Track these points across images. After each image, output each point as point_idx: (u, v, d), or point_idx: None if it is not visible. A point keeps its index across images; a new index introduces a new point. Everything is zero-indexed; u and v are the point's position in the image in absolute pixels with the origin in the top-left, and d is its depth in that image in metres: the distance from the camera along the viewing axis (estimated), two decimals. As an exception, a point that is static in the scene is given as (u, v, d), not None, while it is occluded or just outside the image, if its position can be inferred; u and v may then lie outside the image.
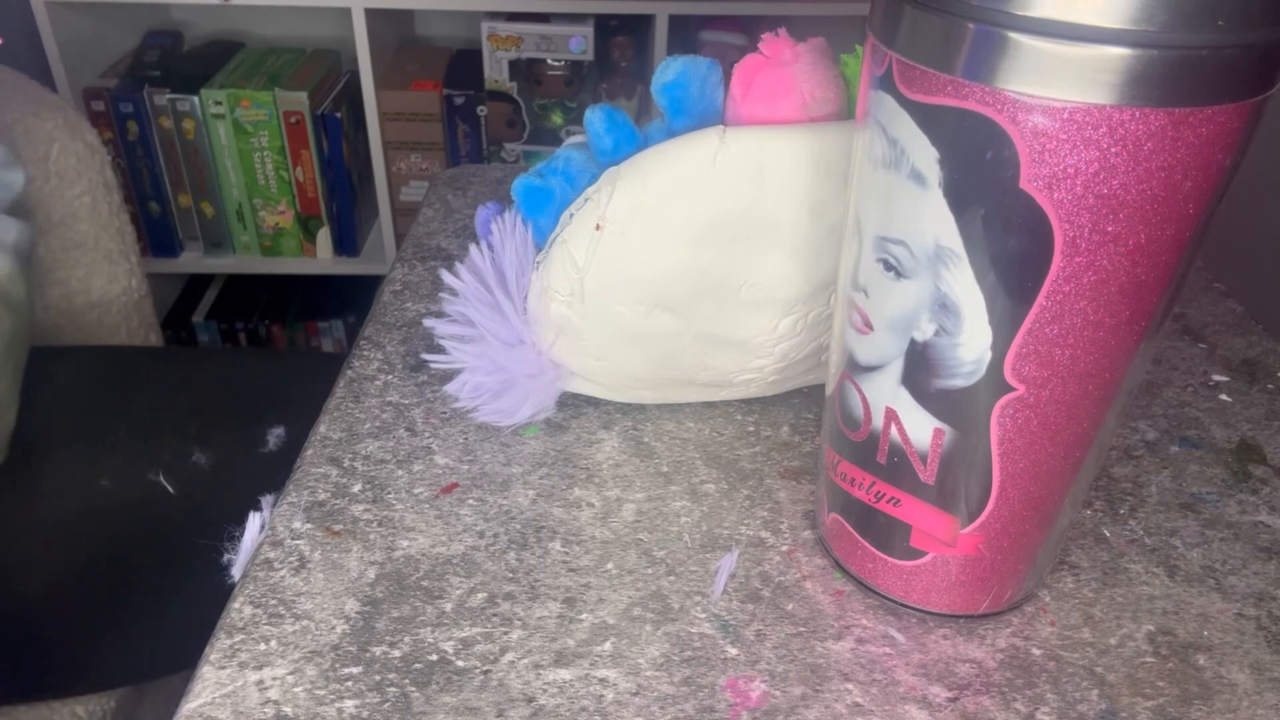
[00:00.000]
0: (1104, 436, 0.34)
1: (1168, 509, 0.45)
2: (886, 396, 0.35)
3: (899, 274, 0.32)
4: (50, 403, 0.81)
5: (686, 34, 1.55)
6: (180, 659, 0.69)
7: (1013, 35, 0.26)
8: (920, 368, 0.33)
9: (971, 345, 0.31)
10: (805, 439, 0.49)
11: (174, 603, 0.70)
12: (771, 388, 0.50)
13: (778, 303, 0.44)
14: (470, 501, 0.44)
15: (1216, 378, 0.54)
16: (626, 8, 1.46)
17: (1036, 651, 0.38)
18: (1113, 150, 0.27)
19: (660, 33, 1.45)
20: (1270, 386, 0.53)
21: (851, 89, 0.42)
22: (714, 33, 1.54)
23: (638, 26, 1.55)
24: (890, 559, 0.39)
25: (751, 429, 0.49)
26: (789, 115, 0.40)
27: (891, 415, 0.35)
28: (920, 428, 0.34)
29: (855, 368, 0.36)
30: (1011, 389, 0.32)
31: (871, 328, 0.34)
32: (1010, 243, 0.29)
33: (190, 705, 0.35)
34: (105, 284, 0.99)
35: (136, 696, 0.79)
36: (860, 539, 0.39)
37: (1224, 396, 0.53)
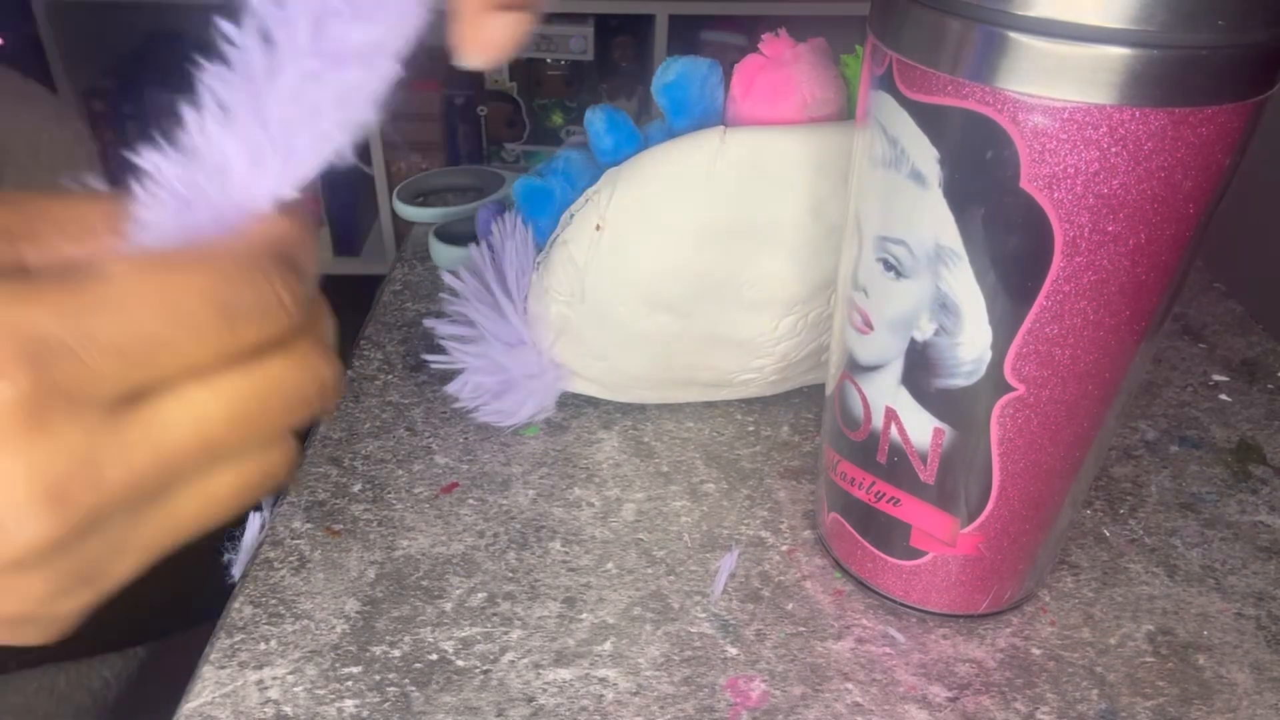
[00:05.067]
0: (1104, 436, 0.34)
1: (1167, 509, 0.45)
2: (886, 396, 0.35)
3: (899, 274, 0.32)
4: None
5: (687, 34, 1.55)
6: (195, 615, 0.68)
7: (1013, 35, 0.26)
8: (920, 367, 0.33)
9: (971, 345, 0.31)
10: (805, 439, 0.49)
11: (182, 568, 0.70)
12: (772, 387, 0.50)
13: (778, 303, 0.44)
14: (470, 501, 0.44)
15: (1216, 378, 0.54)
16: (626, 8, 1.46)
17: (1036, 651, 0.38)
18: (1113, 150, 0.26)
19: (660, 33, 1.45)
20: (1270, 386, 0.53)
21: (851, 89, 0.42)
22: (714, 33, 1.54)
23: (638, 26, 1.55)
24: (890, 559, 0.39)
25: (751, 429, 0.49)
26: (789, 115, 0.40)
27: (891, 415, 0.35)
28: (920, 427, 0.34)
29: (855, 367, 0.36)
30: (1011, 389, 0.32)
31: (871, 327, 0.34)
32: (1010, 242, 0.29)
33: (190, 705, 0.35)
34: (96, 275, 0.99)
35: (154, 655, 0.79)
36: (860, 539, 0.39)
37: (1224, 396, 0.53)
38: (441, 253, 0.59)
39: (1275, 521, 0.45)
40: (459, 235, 0.59)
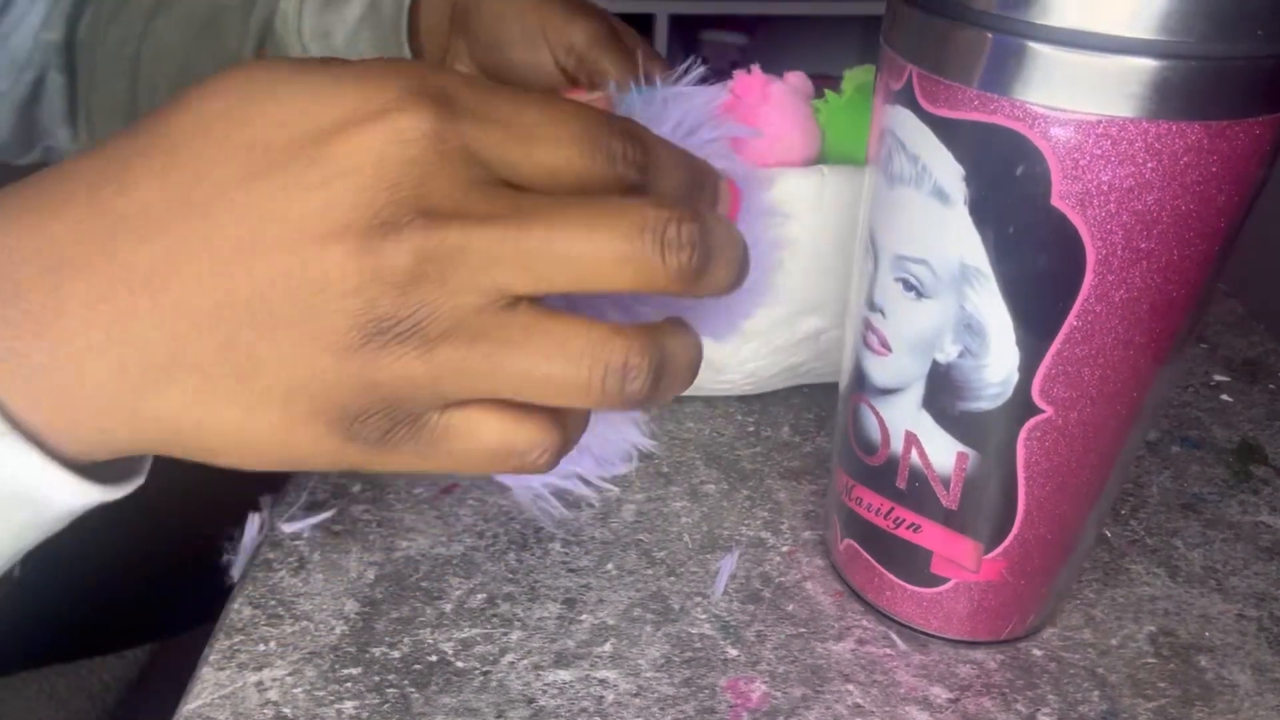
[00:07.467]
0: (1129, 454, 0.34)
1: (1169, 509, 0.45)
2: (907, 420, 0.34)
3: (920, 294, 0.31)
4: None
5: (687, 34, 1.53)
6: (195, 616, 0.68)
7: (1046, 48, 0.25)
8: (943, 390, 0.32)
9: (998, 367, 0.30)
10: (805, 439, 0.49)
11: (181, 568, 0.70)
12: (746, 395, 0.50)
13: None
14: (470, 502, 0.44)
15: (1218, 378, 0.54)
16: (627, 7, 1.44)
17: (1037, 652, 0.38)
18: (1148, 165, 0.26)
19: (660, 33, 1.44)
20: (1271, 387, 0.54)
21: (826, 133, 0.42)
22: (714, 32, 1.53)
23: (638, 26, 1.53)
24: (910, 586, 0.37)
25: (751, 429, 0.49)
26: (752, 158, 0.40)
27: (912, 439, 0.34)
28: (943, 452, 0.33)
29: (871, 390, 0.35)
30: (1039, 411, 0.31)
31: (890, 349, 0.33)
32: (1040, 261, 0.28)
33: (189, 706, 0.35)
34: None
35: (153, 657, 0.78)
36: (877, 565, 0.38)
37: (1225, 397, 0.53)
38: None
39: (1277, 522, 0.45)
40: None
